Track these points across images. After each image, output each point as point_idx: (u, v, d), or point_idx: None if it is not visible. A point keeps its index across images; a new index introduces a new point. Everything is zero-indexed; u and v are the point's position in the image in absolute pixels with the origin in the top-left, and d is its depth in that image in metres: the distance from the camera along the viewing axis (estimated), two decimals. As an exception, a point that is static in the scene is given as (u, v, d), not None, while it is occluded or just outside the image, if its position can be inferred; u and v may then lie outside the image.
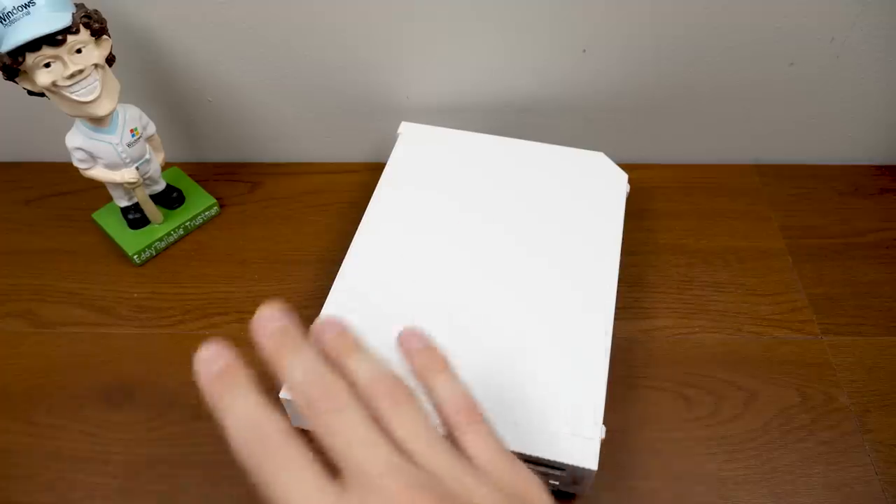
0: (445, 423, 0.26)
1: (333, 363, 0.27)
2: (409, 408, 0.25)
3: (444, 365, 0.28)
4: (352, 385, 0.26)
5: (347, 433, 0.24)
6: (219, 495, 0.38)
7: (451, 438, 0.26)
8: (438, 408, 0.27)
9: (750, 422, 0.40)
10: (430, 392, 0.27)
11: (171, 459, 0.39)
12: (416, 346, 0.28)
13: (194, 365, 0.26)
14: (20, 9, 0.36)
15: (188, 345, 0.44)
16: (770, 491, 0.38)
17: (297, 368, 0.25)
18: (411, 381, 0.27)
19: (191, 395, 0.42)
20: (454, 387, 0.27)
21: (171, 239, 0.50)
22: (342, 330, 0.28)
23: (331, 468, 0.23)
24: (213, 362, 0.25)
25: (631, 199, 0.46)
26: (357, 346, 0.28)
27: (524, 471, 0.25)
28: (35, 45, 0.37)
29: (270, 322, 0.27)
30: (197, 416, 0.41)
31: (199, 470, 0.39)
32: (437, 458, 0.24)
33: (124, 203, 0.49)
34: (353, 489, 0.22)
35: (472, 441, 0.25)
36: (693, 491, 0.38)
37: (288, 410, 0.38)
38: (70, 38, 0.38)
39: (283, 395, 0.36)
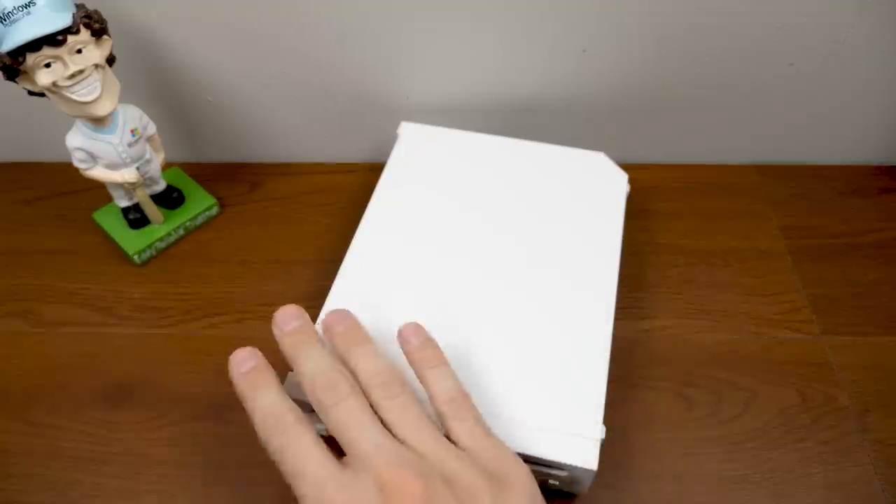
0: (437, 412, 0.30)
1: (340, 356, 0.31)
2: (402, 398, 0.29)
3: (439, 360, 0.31)
4: (355, 377, 0.30)
5: (347, 419, 0.28)
6: (219, 495, 0.38)
7: (444, 427, 0.29)
8: (432, 398, 0.30)
9: (750, 422, 0.40)
10: (424, 384, 0.30)
11: (171, 459, 0.39)
12: (415, 342, 0.32)
13: (229, 364, 0.30)
14: (20, 9, 0.36)
15: (188, 345, 0.44)
16: (770, 491, 0.38)
17: (308, 363, 0.30)
18: (410, 373, 0.31)
19: (191, 394, 0.42)
20: (446, 380, 0.30)
21: (172, 239, 0.50)
22: (350, 324, 0.32)
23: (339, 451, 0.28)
24: (244, 363, 0.30)
25: (631, 199, 0.46)
26: (362, 340, 0.31)
27: (508, 455, 0.29)
28: (35, 45, 0.37)
29: (289, 320, 0.31)
30: (197, 416, 0.41)
31: (199, 470, 0.39)
32: (424, 440, 0.27)
33: (124, 203, 0.49)
34: (350, 465, 0.27)
35: (459, 427, 0.29)
36: (693, 491, 0.38)
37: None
38: (70, 38, 0.38)
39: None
